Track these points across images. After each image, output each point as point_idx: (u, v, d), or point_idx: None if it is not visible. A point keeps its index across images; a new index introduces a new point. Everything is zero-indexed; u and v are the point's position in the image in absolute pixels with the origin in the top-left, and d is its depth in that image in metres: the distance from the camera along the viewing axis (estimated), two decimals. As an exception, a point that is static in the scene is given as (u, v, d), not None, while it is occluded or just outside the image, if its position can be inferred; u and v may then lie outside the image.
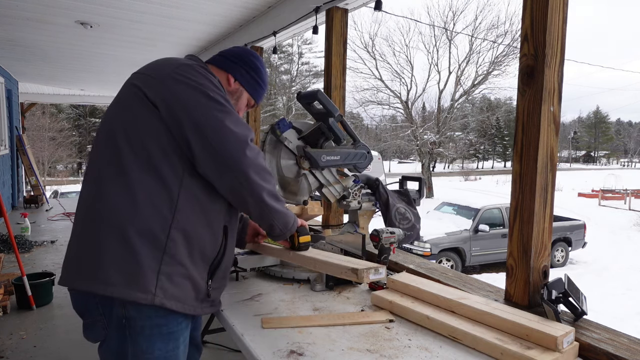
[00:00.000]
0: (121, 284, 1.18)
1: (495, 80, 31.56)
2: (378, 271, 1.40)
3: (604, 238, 13.84)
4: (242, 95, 1.54)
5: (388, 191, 2.19)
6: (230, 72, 1.51)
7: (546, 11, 1.43)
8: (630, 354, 1.21)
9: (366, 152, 2.01)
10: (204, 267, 1.33)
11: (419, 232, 2.22)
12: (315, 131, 1.92)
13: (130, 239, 1.19)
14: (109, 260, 1.19)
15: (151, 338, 1.24)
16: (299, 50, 34.13)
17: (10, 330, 3.31)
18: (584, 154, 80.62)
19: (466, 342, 1.30)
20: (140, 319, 1.22)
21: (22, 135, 9.32)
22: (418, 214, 2.24)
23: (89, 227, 1.25)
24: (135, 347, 1.24)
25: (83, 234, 1.26)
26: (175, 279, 1.24)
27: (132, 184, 1.22)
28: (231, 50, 1.57)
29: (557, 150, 1.53)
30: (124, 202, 1.21)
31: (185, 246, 1.25)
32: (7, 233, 3.97)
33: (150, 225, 1.21)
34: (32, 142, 15.75)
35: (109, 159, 1.26)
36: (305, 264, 1.63)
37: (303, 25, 3.57)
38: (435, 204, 13.39)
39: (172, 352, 1.29)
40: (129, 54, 6.20)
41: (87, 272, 1.22)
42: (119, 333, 1.24)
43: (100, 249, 1.21)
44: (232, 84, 1.52)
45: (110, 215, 1.21)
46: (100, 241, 1.21)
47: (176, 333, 1.29)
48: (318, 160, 1.85)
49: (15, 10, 4.23)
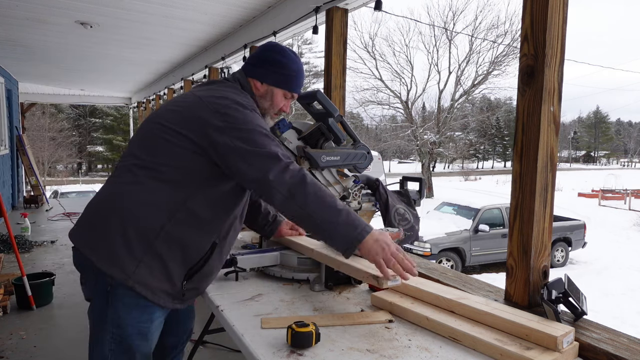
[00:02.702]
0: (107, 258, 1.38)
1: (495, 80, 31.68)
2: (396, 278, 1.41)
3: (604, 238, 13.84)
4: (274, 93, 1.62)
5: (388, 191, 2.19)
6: (255, 77, 1.60)
7: (546, 11, 1.43)
8: (630, 354, 1.21)
9: (366, 153, 2.01)
10: (183, 269, 1.46)
11: (418, 233, 2.22)
12: (314, 131, 1.92)
13: (127, 229, 1.38)
14: (104, 238, 1.40)
15: (129, 306, 1.42)
16: (299, 50, 34.14)
17: (10, 330, 3.31)
18: (584, 154, 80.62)
19: (466, 342, 1.30)
20: (122, 293, 1.40)
21: (22, 135, 9.32)
22: (417, 214, 2.24)
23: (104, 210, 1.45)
24: (114, 312, 1.41)
25: (98, 213, 1.47)
26: (153, 271, 1.40)
27: (146, 188, 1.42)
28: (254, 55, 1.66)
29: (557, 150, 1.53)
30: (134, 200, 1.41)
31: (170, 249, 1.41)
32: (7, 233, 3.97)
33: (147, 223, 1.39)
34: (32, 142, 15.75)
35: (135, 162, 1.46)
36: (328, 262, 1.68)
37: (303, 25, 3.57)
38: (435, 204, 13.39)
39: (144, 324, 1.45)
40: (129, 54, 6.20)
41: (88, 239, 1.44)
42: (103, 298, 1.42)
43: (103, 229, 1.42)
44: (260, 88, 1.61)
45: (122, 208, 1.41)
46: (105, 223, 1.42)
47: (151, 308, 1.45)
48: (318, 160, 1.85)
49: (15, 10, 4.23)
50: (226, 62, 5.25)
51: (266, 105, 1.62)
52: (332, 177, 2.02)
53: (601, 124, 79.53)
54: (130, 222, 1.39)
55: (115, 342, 1.44)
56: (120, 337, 1.43)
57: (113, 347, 1.44)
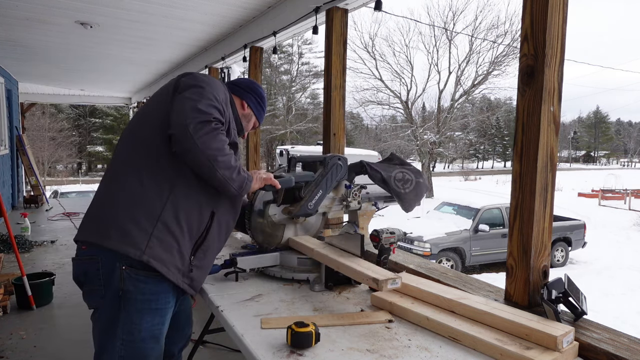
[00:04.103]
0: (119, 239, 1.43)
1: (495, 80, 31.58)
2: (395, 281, 1.45)
3: (604, 238, 13.84)
4: (251, 118, 1.89)
5: (378, 167, 2.13)
6: (244, 99, 1.85)
7: (546, 11, 1.43)
8: (630, 354, 1.21)
9: (337, 161, 2.00)
10: (190, 242, 1.54)
11: (426, 185, 2.12)
12: (287, 193, 1.93)
13: (134, 210, 1.46)
14: (113, 222, 1.46)
15: (142, 311, 1.46)
16: (299, 50, 34.13)
17: (10, 330, 3.31)
18: (584, 154, 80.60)
19: (466, 342, 1.30)
20: (135, 292, 1.44)
21: (22, 135, 9.32)
22: (415, 168, 2.16)
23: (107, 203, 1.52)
24: (127, 318, 1.45)
25: (102, 207, 1.53)
26: (164, 244, 1.47)
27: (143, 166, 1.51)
28: (242, 81, 1.92)
29: (557, 150, 1.53)
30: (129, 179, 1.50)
31: (176, 218, 1.49)
32: (7, 233, 3.97)
33: (151, 201, 1.47)
34: (32, 142, 15.74)
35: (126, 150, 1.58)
36: (328, 262, 1.70)
37: (303, 26, 3.57)
38: (435, 203, 13.38)
39: (157, 327, 1.51)
40: (129, 54, 6.20)
41: (96, 229, 1.49)
42: (114, 302, 1.45)
43: (111, 216, 1.48)
44: (246, 109, 1.86)
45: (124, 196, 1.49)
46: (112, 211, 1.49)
47: (163, 310, 1.52)
48: (307, 212, 1.93)
49: (15, 10, 4.23)
50: (226, 62, 5.25)
51: (243, 124, 1.86)
52: (327, 201, 2.03)
53: (601, 124, 79.50)
54: (134, 201, 1.47)
55: (127, 348, 1.45)
56: (132, 343, 1.45)
57: (123, 354, 1.45)
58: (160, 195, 1.48)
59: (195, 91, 1.48)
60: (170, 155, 1.50)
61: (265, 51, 4.58)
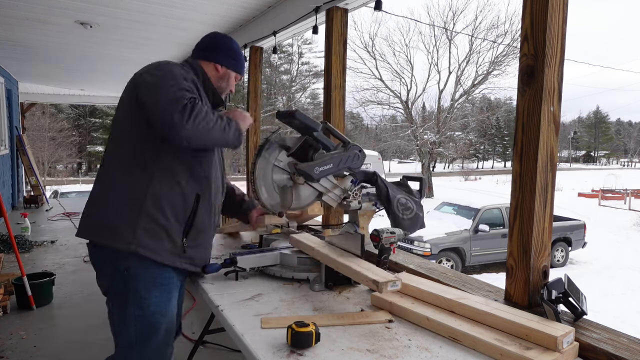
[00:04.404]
0: (108, 234, 1.57)
1: (495, 80, 31.64)
2: (395, 283, 1.45)
3: (604, 238, 13.84)
4: (230, 75, 1.86)
5: (387, 183, 2.15)
6: (216, 61, 1.82)
7: (546, 11, 1.43)
8: (630, 354, 1.21)
9: (357, 152, 1.99)
10: (178, 226, 1.63)
11: (423, 220, 2.16)
12: (303, 145, 1.91)
13: (117, 203, 1.58)
14: (100, 219, 1.61)
15: (148, 286, 1.58)
16: (299, 50, 34.14)
17: (10, 330, 3.31)
18: (584, 154, 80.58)
19: (466, 342, 1.30)
20: (138, 267, 1.57)
21: (22, 135, 9.32)
22: (420, 202, 2.19)
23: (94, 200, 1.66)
24: (135, 294, 1.57)
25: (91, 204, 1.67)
26: (152, 232, 1.57)
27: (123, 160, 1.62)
28: (205, 42, 1.87)
29: (557, 150, 1.53)
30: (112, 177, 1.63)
31: (158, 207, 1.58)
32: (7, 233, 3.97)
33: (132, 193, 1.58)
34: (32, 142, 15.73)
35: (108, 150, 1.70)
36: (329, 262, 1.70)
37: (303, 25, 3.57)
38: (435, 203, 13.38)
39: (166, 303, 1.63)
40: (129, 54, 6.19)
41: (88, 227, 1.65)
42: (122, 282, 1.57)
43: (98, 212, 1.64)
44: (220, 70, 1.83)
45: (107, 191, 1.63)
46: (98, 207, 1.64)
47: (168, 286, 1.64)
48: (311, 174, 1.85)
49: (15, 10, 4.23)
50: (226, 62, 5.25)
51: (223, 85, 1.85)
52: (329, 183, 2.02)
53: (601, 124, 79.49)
54: (118, 197, 1.59)
55: (140, 322, 1.58)
56: (143, 317, 1.58)
57: (138, 328, 1.58)
58: (140, 188, 1.57)
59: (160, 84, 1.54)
60: (146, 148, 1.59)
61: (265, 51, 4.58)
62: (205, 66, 1.80)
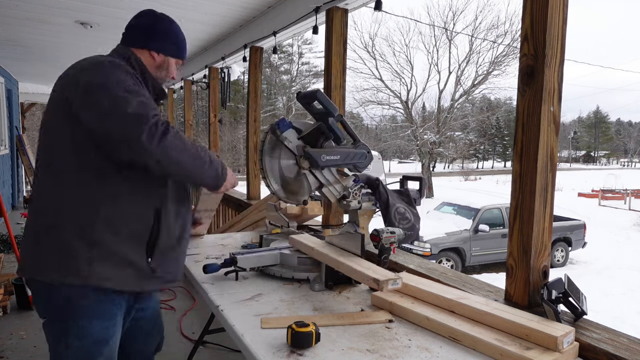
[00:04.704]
0: (58, 271, 1.36)
1: (495, 80, 31.59)
2: (396, 281, 1.46)
3: (604, 238, 13.83)
4: (170, 62, 1.63)
5: (388, 191, 2.19)
6: (151, 48, 1.58)
7: (546, 11, 1.43)
8: (630, 354, 1.21)
9: (366, 152, 2.00)
10: (139, 247, 1.44)
11: (419, 232, 2.21)
12: (315, 131, 1.92)
13: (63, 233, 1.36)
14: (46, 255, 1.39)
15: (89, 316, 1.41)
16: (299, 50, 34.15)
17: (10, 330, 3.31)
18: (584, 154, 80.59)
19: (466, 342, 1.30)
20: (77, 298, 1.39)
21: (22, 135, 9.32)
22: (418, 214, 2.24)
23: (30, 225, 1.45)
24: (75, 324, 1.41)
25: (26, 231, 1.46)
26: (109, 262, 1.39)
27: (62, 185, 1.39)
28: (140, 25, 1.61)
29: (557, 150, 1.53)
30: (54, 202, 1.39)
31: (112, 232, 1.38)
32: (7, 233, 3.97)
33: (79, 219, 1.37)
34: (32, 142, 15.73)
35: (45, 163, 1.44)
36: (329, 262, 1.69)
37: (303, 25, 3.57)
38: (435, 204, 13.38)
39: (108, 329, 1.46)
40: (129, 54, 6.19)
41: (32, 264, 1.43)
42: (60, 311, 1.41)
43: (39, 244, 1.40)
44: (157, 58, 1.60)
45: (45, 213, 1.41)
46: (39, 237, 1.41)
47: (111, 311, 1.46)
48: (318, 160, 1.85)
49: (15, 10, 4.23)
50: (226, 62, 5.25)
51: (162, 75, 1.62)
52: (332, 176, 2.02)
53: (601, 124, 79.50)
54: (63, 226, 1.36)
55: (78, 354, 1.42)
56: (83, 348, 1.42)
57: (75, 358, 1.43)
58: (88, 214, 1.37)
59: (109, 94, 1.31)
60: (86, 169, 1.37)
61: (265, 51, 4.58)
62: (140, 54, 1.56)
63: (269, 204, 2.62)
